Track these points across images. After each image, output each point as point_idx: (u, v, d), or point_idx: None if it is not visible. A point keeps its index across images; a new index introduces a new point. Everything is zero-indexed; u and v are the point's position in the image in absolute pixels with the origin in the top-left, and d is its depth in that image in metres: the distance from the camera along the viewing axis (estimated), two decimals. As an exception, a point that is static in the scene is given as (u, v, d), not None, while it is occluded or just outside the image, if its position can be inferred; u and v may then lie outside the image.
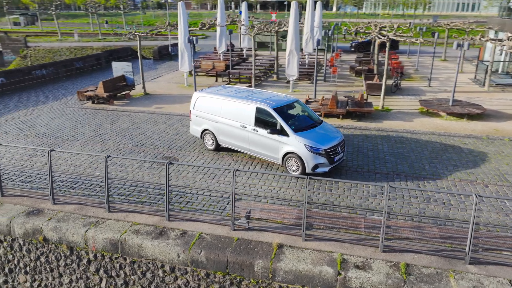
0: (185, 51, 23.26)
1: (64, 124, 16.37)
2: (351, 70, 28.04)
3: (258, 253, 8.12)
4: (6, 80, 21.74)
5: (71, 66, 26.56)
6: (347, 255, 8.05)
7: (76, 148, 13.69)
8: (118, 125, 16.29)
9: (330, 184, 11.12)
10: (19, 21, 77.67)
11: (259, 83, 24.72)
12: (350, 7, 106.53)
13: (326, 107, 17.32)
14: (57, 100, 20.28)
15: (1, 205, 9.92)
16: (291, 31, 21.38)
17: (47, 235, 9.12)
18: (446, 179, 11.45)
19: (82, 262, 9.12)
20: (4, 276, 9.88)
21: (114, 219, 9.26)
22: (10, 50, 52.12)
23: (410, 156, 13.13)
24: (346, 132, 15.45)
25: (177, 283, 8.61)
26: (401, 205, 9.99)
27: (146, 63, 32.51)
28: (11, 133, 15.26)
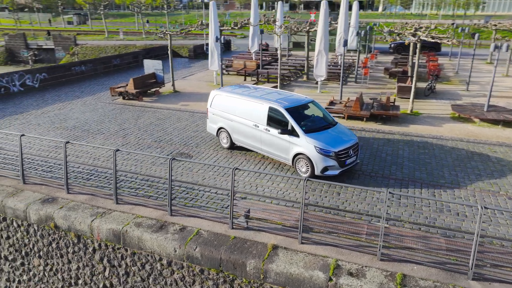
0: (215, 50, 23.57)
1: (93, 118, 17.14)
2: (385, 72, 27.15)
3: (251, 253, 8.09)
4: (48, 75, 23.10)
5: (109, 63, 27.75)
6: (342, 261, 7.81)
7: (99, 141, 14.30)
8: (143, 120, 16.82)
9: (339, 188, 10.84)
10: (72, 21, 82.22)
11: (288, 83, 24.58)
12: (397, 7, 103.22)
13: (350, 109, 16.89)
14: (91, 95, 21.27)
15: (22, 192, 10.56)
16: (320, 31, 21.06)
17: (57, 223, 9.60)
18: (465, 188, 10.81)
19: (88, 250, 9.52)
20: (21, 259, 10.51)
21: (120, 211, 9.58)
22: (61, 47, 55.26)
23: (431, 162, 12.52)
24: (368, 135, 14.99)
25: (173, 277, 8.77)
26: (410, 213, 9.55)
27: (181, 62, 33.32)
28: (44, 125, 16.20)
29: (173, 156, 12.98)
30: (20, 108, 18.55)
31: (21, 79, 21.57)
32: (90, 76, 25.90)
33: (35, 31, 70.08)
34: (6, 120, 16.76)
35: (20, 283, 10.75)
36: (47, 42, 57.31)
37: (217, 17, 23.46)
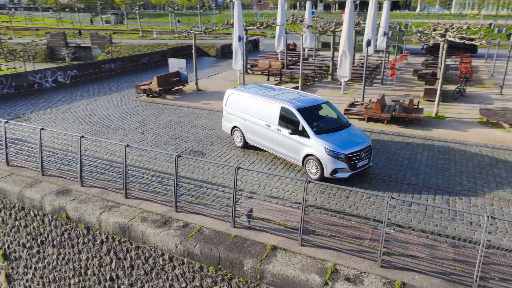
0: (239, 50, 23.68)
1: (116, 114, 17.67)
2: (414, 73, 26.30)
3: (250, 252, 8.06)
4: (78, 72, 24.03)
5: (137, 61, 28.50)
6: (341, 265, 7.65)
7: (118, 137, 14.72)
8: (163, 118, 17.16)
9: (348, 192, 10.61)
10: (110, 20, 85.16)
11: (312, 84, 24.33)
12: (435, 7, 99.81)
13: (370, 111, 16.49)
14: (117, 92, 21.93)
15: (40, 183, 11.04)
16: (344, 31, 20.70)
17: (69, 214, 9.97)
18: (483, 196, 10.29)
19: (96, 242, 9.83)
20: (37, 247, 11.00)
21: (128, 205, 9.82)
22: (97, 46, 57.38)
23: (450, 168, 12.01)
24: (386, 138, 14.59)
25: (174, 273, 8.89)
26: (419, 220, 9.20)
27: (209, 61, 33.72)
28: (69, 119, 16.86)
29: (186, 153, 13.18)
30: (50, 103, 19.40)
31: (53, 75, 22.56)
32: (119, 74, 26.70)
33: (75, 30, 73.15)
34: (36, 114, 17.58)
35: (36, 270, 11.25)
36: (85, 40, 59.69)
37: (241, 16, 23.55)
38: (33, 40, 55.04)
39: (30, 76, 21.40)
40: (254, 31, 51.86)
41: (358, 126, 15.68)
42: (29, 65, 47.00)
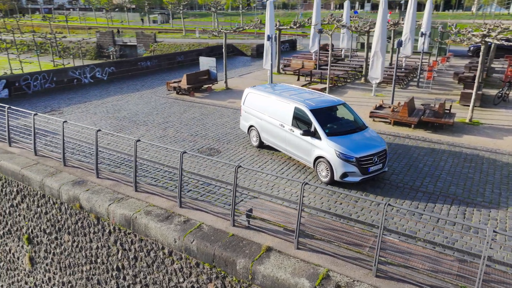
0: (269, 49, 23.63)
1: (143, 110, 18.24)
2: (454, 76, 24.93)
3: (244, 252, 8.01)
4: (115, 69, 25.09)
5: (173, 59, 29.26)
6: (333, 272, 7.40)
7: (141, 132, 15.18)
8: (187, 115, 17.49)
9: (359, 195, 10.23)
10: (156, 19, 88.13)
11: (344, 85, 23.78)
12: (493, 7, 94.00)
13: (397, 114, 15.84)
14: (149, 89, 22.64)
15: (60, 173, 11.63)
16: (377, 30, 20.04)
17: (82, 203, 10.42)
18: (505, 210, 9.56)
19: (105, 232, 10.19)
20: (55, 234, 11.60)
21: (136, 198, 10.10)
22: (142, 44, 59.54)
23: (474, 178, 11.26)
24: (411, 143, 13.94)
25: (173, 267, 9.03)
26: (427, 231, 8.70)
27: (243, 60, 33.94)
28: (100, 114, 17.63)
29: (202, 150, 13.34)
30: (85, 98, 20.39)
31: (92, 71, 23.69)
32: (154, 71, 27.53)
33: (123, 29, 76.43)
34: (70, 108, 18.55)
35: (54, 255, 11.87)
36: (131, 39, 62.11)
37: (273, 16, 23.50)
38: (83, 39, 58.14)
39: (70, 72, 22.61)
40: (287, 30, 51.67)
41: (384, 130, 15.17)
42: (79, 61, 49.63)
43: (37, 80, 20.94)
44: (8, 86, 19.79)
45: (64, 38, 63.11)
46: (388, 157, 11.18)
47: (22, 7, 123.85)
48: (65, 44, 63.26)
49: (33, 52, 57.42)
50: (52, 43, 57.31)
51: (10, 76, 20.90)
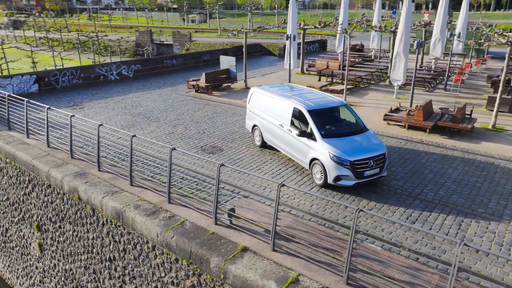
0: (291, 49, 23.44)
1: (159, 107, 18.66)
2: (488, 80, 23.53)
3: (220, 251, 7.99)
4: (141, 66, 25.84)
5: (199, 58, 29.71)
6: (304, 276, 7.21)
7: (151, 128, 15.54)
8: (200, 113, 17.70)
9: (351, 200, 9.92)
10: (195, 19, 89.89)
11: (366, 86, 23.14)
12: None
13: (412, 118, 15.19)
14: (170, 87, 23.12)
15: (66, 164, 12.14)
16: (400, 31, 19.31)
17: (80, 195, 10.82)
18: (507, 223, 8.90)
19: (99, 223, 10.53)
20: (59, 222, 12.13)
21: (130, 192, 10.35)
22: (178, 43, 60.93)
23: (482, 187, 10.58)
24: (422, 148, 13.33)
25: (156, 261, 9.17)
26: (416, 241, 8.27)
27: (269, 60, 33.85)
28: (117, 109, 18.24)
29: (205, 148, 13.46)
30: (108, 94, 21.17)
31: (118, 69, 24.55)
32: (179, 70, 28.08)
33: (162, 28, 78.65)
34: (92, 103, 19.32)
35: (59, 243, 12.42)
36: (167, 38, 63.79)
37: (295, 15, 23.27)
38: (122, 37, 60.29)
39: (97, 69, 23.56)
40: (320, 30, 50.87)
41: (397, 134, 14.62)
42: (117, 59, 51.59)
43: (65, 76, 21.99)
44: (38, 81, 20.93)
45: (106, 36, 65.87)
46: (387, 161, 10.73)
47: (72, 7, 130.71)
48: (107, 43, 66.07)
49: (76, 50, 60.40)
50: (94, 41, 60.03)
51: (40, 72, 22.09)
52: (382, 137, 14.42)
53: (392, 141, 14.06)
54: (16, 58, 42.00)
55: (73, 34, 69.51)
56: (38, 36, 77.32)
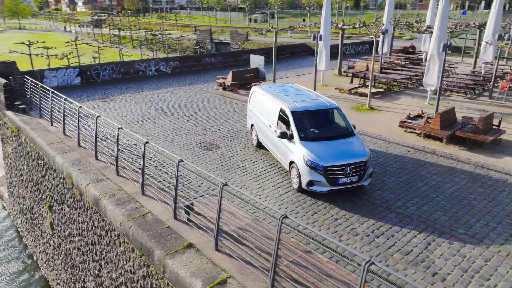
0: (324, 49, 22.84)
1: (180, 103, 19.25)
2: (545, 88, 20.89)
3: (165, 245, 8.10)
4: (179, 63, 26.82)
5: (239, 57, 30.07)
6: (234, 279, 7.07)
7: (163, 122, 16.11)
8: (216, 110, 17.96)
9: (330, 208, 9.47)
10: (257, 19, 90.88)
11: (403, 91, 21.83)
12: None
13: (428, 126, 14.05)
14: (201, 84, 23.71)
15: (71, 152, 13.04)
16: (435, 32, 17.93)
17: (73, 180, 11.58)
18: (485, 247, 7.92)
19: (85, 208, 11.19)
20: (61, 204, 13.09)
21: (113, 181, 10.85)
22: (235, 42, 62.14)
23: (476, 206, 9.51)
24: (430, 159, 12.30)
25: (120, 249, 9.53)
26: (371, 255, 7.69)
27: (311, 60, 33.13)
28: (141, 103, 19.15)
29: (203, 145, 13.66)
30: (140, 89, 22.29)
31: (157, 65, 25.73)
32: (218, 68, 28.64)
33: (223, 28, 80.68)
34: (122, 96, 20.48)
35: (63, 224, 13.40)
36: (226, 37, 65.36)
37: (329, 15, 22.60)
38: (182, 36, 62.92)
39: (136, 65, 24.91)
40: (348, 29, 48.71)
41: (410, 143, 13.69)
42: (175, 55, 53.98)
43: (105, 71, 23.56)
44: (80, 74, 22.68)
45: (169, 34, 69.27)
46: (370, 170, 10.01)
47: (147, 7, 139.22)
48: (170, 41, 69.48)
49: (143, 47, 64.29)
50: (158, 39, 63.44)
51: (83, 65, 23.89)
52: (391, 145, 13.54)
53: (400, 150, 13.13)
54: (84, 53, 45.80)
55: (141, 32, 74.09)
56: (112, 33, 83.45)
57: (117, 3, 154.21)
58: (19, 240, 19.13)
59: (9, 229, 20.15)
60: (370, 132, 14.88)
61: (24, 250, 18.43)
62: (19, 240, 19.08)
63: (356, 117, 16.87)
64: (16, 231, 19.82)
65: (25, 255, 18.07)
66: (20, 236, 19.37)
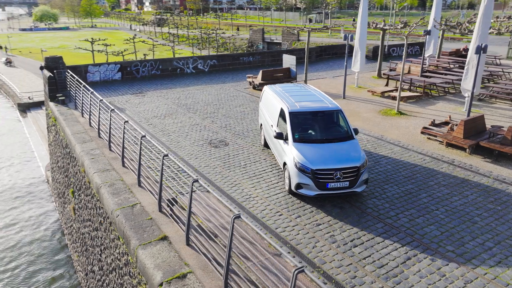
0: (359, 50, 22.07)
1: (206, 100, 19.62)
2: None
3: (142, 236, 8.36)
4: (217, 62, 27.33)
5: (278, 57, 29.92)
6: (193, 275, 7.13)
7: (183, 117, 16.56)
8: (238, 108, 18.08)
9: (317, 213, 9.21)
10: (312, 19, 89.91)
11: (442, 96, 20.49)
12: None
13: (450, 134, 13.07)
14: (234, 82, 23.98)
15: (90, 142, 13.88)
16: (475, 32, 16.61)
17: (85, 168, 12.31)
18: (470, 268, 7.24)
19: (92, 195, 11.85)
20: (78, 191, 13.96)
21: (117, 172, 11.40)
22: (286, 42, 62.04)
23: (477, 223, 8.71)
24: (445, 170, 11.46)
25: (111, 236, 9.98)
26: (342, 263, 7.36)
27: (354, 61, 32.17)
28: (170, 99, 19.81)
29: (214, 141, 13.85)
30: (173, 85, 23.05)
31: (194, 63, 26.45)
32: (254, 67, 28.74)
33: (277, 27, 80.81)
34: (154, 92, 21.32)
35: (80, 209, 14.30)
36: (277, 36, 65.40)
37: (366, 15, 21.78)
38: (233, 35, 63.99)
39: (174, 62, 25.79)
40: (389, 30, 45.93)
41: (430, 151, 12.89)
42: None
43: (145, 67, 24.68)
44: (121, 70, 23.97)
45: (223, 34, 70.83)
46: (364, 177, 9.51)
47: (208, 7, 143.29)
48: (223, 40, 71.04)
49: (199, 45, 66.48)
50: (212, 38, 65.17)
51: (124, 62, 25.18)
52: (407, 152, 12.78)
53: (415, 158, 12.35)
54: (138, 50, 48.31)
55: (197, 31, 76.51)
56: (171, 32, 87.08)
57: (180, 3, 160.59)
58: (58, 222, 20.74)
59: (53, 210, 21.92)
60: (388, 138, 14.15)
61: (58, 231, 19.95)
62: (58, 223, 20.69)
63: (380, 121, 16.14)
64: (57, 213, 21.50)
65: (59, 236, 19.55)
66: (58, 218, 20.98)
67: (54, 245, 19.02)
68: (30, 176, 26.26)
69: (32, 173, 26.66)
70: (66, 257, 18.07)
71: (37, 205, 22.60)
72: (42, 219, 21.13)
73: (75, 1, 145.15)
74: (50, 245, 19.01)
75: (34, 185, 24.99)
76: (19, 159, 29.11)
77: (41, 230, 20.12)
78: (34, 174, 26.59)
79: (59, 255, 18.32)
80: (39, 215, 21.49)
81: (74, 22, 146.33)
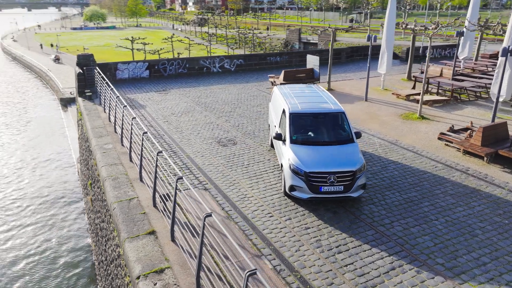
0: (385, 51, 21.40)
1: (225, 99, 19.77)
2: None
3: (132, 229, 8.59)
4: (244, 61, 27.47)
5: (305, 57, 29.60)
6: (171, 271, 7.24)
7: (197, 115, 16.81)
8: (257, 108, 18.08)
9: (308, 216, 9.06)
10: (352, 19, 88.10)
11: (472, 100, 19.47)
12: None
13: (468, 141, 12.37)
14: (258, 82, 23.98)
15: (105, 136, 14.42)
16: (508, 33, 15.63)
17: (97, 162, 12.81)
18: (457, 283, 6.83)
19: (100, 187, 12.32)
20: (94, 183, 14.55)
21: (123, 166, 11.78)
22: (322, 42, 61.26)
23: (477, 237, 8.20)
24: (457, 179, 10.90)
25: (111, 227, 10.33)
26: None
27: (386, 63, 31.16)
28: (190, 97, 20.15)
29: (223, 140, 13.96)
30: (198, 84, 23.42)
31: (221, 62, 26.73)
32: (281, 67, 28.48)
33: (314, 27, 79.91)
34: (177, 90, 21.77)
35: (94, 200, 14.90)
36: (314, 37, 64.66)
37: (394, 15, 21.05)
38: (268, 34, 63.98)
39: (201, 61, 26.21)
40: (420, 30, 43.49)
41: (444, 158, 12.34)
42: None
43: (172, 66, 25.27)
44: (149, 68, 24.70)
45: (260, 34, 71.13)
46: (361, 181, 9.19)
47: (248, 7, 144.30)
48: (260, 39, 71.26)
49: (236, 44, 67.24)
50: (247, 38, 65.64)
51: (152, 60, 25.87)
52: (419, 158, 12.24)
53: (427, 164, 11.80)
54: (174, 49, 49.58)
55: (234, 31, 77.28)
56: (211, 32, 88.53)
57: (222, 3, 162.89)
58: (83, 212, 21.76)
59: (81, 200, 23.02)
60: (403, 143, 13.61)
61: (83, 220, 20.89)
62: (84, 213, 21.70)
63: (399, 125, 15.56)
64: (83, 203, 22.55)
65: (83, 225, 20.47)
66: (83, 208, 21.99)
67: (79, 233, 19.94)
68: (65, 167, 27.69)
69: (66, 164, 28.11)
70: (87, 245, 18.89)
71: (68, 197, 23.78)
72: (69, 208, 22.22)
73: (122, 1, 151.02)
74: (75, 234, 19.94)
75: (67, 177, 26.32)
76: (58, 150, 30.82)
77: (70, 217, 21.14)
78: (69, 165, 28.03)
79: (82, 243, 19.17)
80: (69, 203, 22.61)
81: (121, 21, 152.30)
